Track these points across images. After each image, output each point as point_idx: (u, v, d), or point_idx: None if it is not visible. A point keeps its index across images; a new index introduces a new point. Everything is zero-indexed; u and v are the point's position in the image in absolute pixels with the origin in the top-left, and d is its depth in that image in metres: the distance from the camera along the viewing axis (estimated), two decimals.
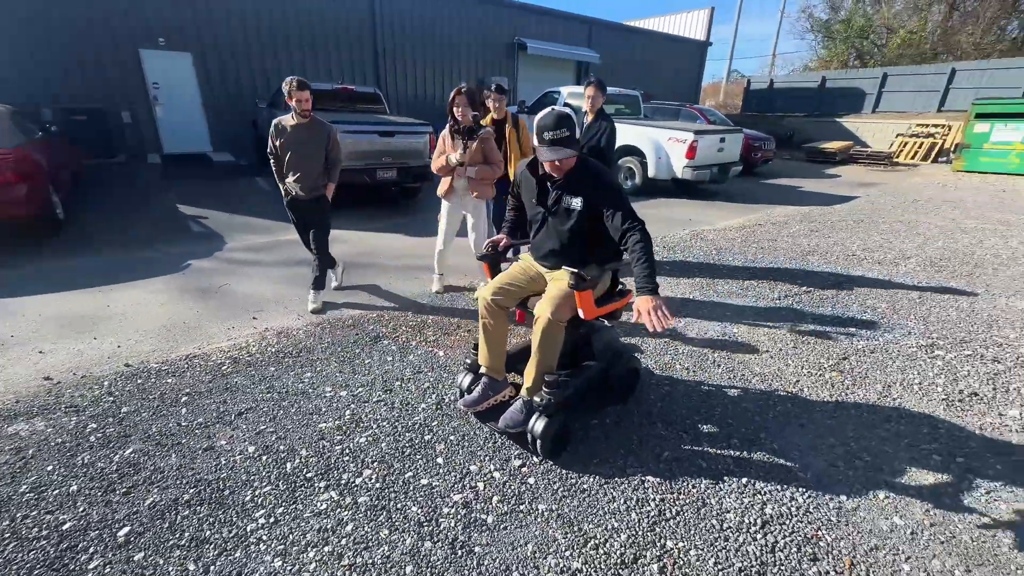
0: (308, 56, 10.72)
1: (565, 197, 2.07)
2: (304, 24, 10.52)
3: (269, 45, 10.19)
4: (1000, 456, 2.12)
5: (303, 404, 2.45)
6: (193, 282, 4.09)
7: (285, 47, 10.37)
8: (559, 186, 2.09)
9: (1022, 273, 4.50)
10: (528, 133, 4.15)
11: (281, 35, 10.28)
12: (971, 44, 18.82)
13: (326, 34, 10.84)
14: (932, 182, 10.21)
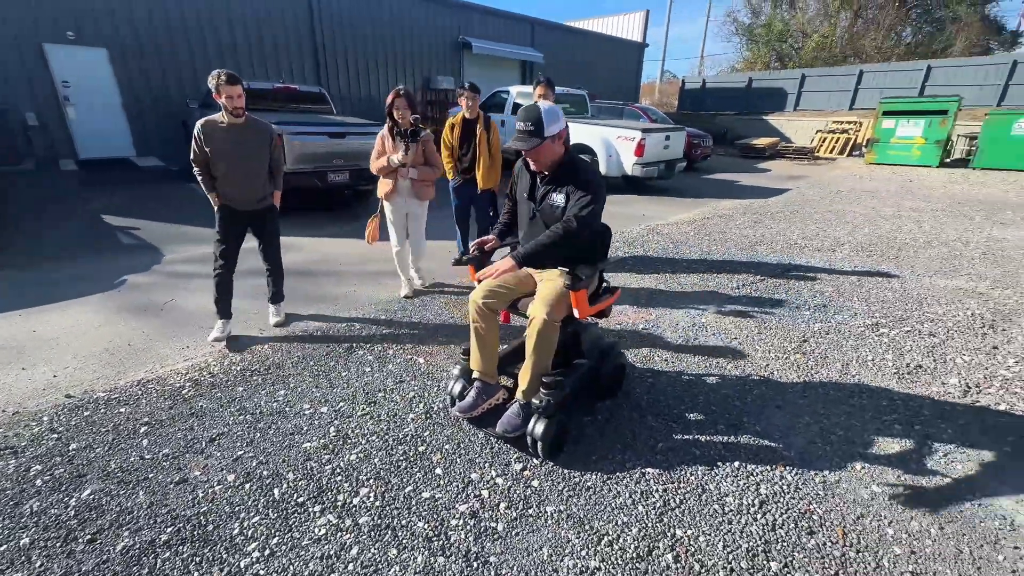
0: (242, 53, 10.08)
1: (551, 194, 2.08)
2: (236, 19, 9.88)
3: (198, 41, 9.49)
4: (949, 421, 2.35)
5: (281, 424, 2.30)
6: (132, 300, 3.74)
7: (216, 43, 9.69)
8: (546, 181, 2.09)
9: (939, 254, 5.02)
10: (499, 136, 4.13)
11: (210, 30, 9.60)
12: (874, 48, 20.79)
13: (260, 30, 10.24)
14: (850, 174, 11.16)
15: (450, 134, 4.12)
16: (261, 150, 3.01)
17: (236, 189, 2.99)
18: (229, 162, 2.91)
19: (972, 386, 2.63)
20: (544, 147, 1.99)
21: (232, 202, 3.02)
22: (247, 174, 2.99)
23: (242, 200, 3.03)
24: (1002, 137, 11.01)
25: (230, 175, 2.95)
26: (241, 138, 2.91)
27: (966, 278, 4.32)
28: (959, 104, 11.73)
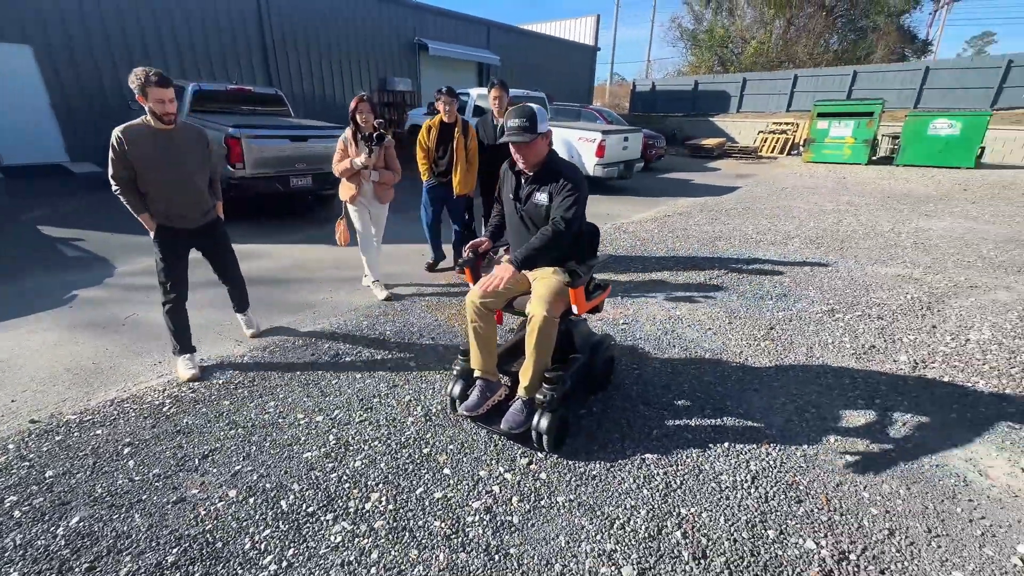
0: (185, 51, 9.56)
1: (535, 193, 2.15)
2: (178, 14, 9.36)
3: (136, 38, 8.91)
4: (903, 394, 2.61)
5: (277, 436, 2.25)
6: (87, 316, 3.51)
7: (156, 40, 9.13)
8: (530, 181, 2.17)
9: (876, 244, 5.49)
10: (476, 140, 4.13)
11: (150, 26, 9.03)
12: (806, 54, 22.30)
13: (205, 27, 9.73)
14: (791, 172, 11.94)
15: (427, 136, 4.11)
16: (199, 157, 2.64)
17: (174, 206, 2.59)
18: (162, 175, 2.50)
19: (919, 362, 2.93)
20: (536, 143, 2.08)
21: (172, 221, 2.61)
22: (186, 187, 2.60)
23: (183, 218, 2.64)
24: (920, 136, 12.12)
25: (165, 190, 2.54)
26: (174, 146, 2.51)
27: (902, 265, 4.76)
28: (883, 107, 12.80)
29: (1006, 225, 6.35)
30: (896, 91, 15.78)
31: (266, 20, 10.52)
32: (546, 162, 2.17)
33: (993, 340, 3.19)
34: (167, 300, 2.70)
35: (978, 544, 1.69)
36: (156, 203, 2.56)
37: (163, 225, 2.61)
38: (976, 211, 7.19)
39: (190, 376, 2.70)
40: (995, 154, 13.08)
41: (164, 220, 2.60)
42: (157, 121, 2.44)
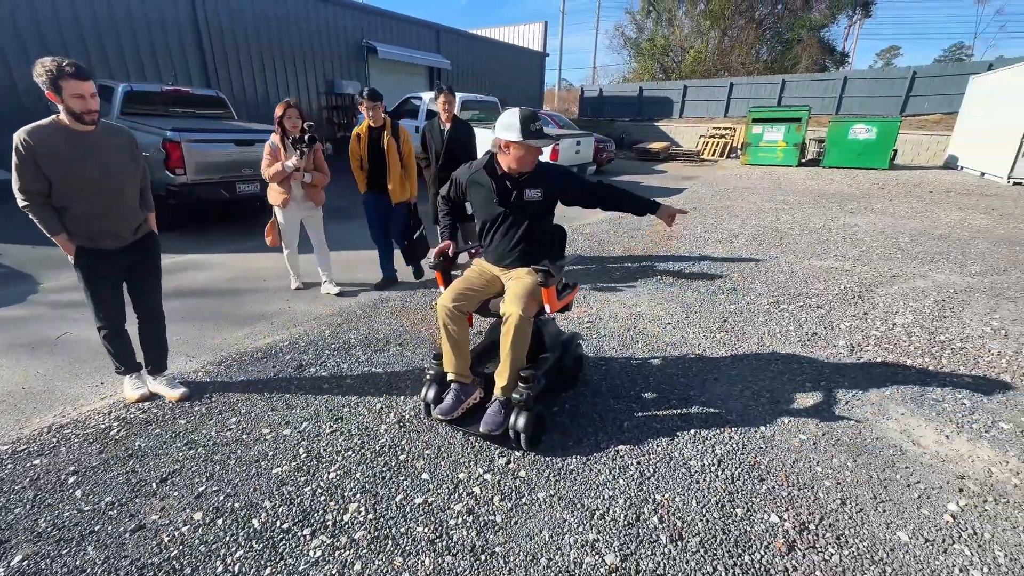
0: (111, 49, 8.88)
1: (526, 191, 2.20)
2: (101, 9, 8.69)
3: (53, 35, 8.19)
4: (844, 376, 2.84)
5: (243, 453, 2.15)
6: (13, 336, 3.21)
7: (76, 37, 8.43)
8: (521, 183, 2.21)
9: (811, 240, 5.93)
10: (411, 144, 3.95)
11: (71, 24, 8.33)
12: (739, 63, 23.72)
13: (133, 23, 9.09)
14: (731, 174, 12.65)
15: (356, 145, 3.86)
16: (128, 163, 2.25)
17: (101, 222, 2.19)
18: (85, 186, 2.10)
19: (855, 346, 3.20)
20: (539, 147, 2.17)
21: (97, 241, 2.20)
22: (116, 199, 2.21)
23: (112, 236, 2.24)
24: (842, 140, 13.18)
25: (90, 204, 2.13)
26: (98, 150, 2.12)
27: (834, 259, 5.16)
28: (809, 113, 13.82)
29: (919, 220, 7.03)
30: (820, 99, 17.08)
31: (202, 18, 9.97)
32: (537, 166, 2.28)
33: (915, 323, 3.53)
34: (103, 328, 2.39)
35: (916, 506, 1.87)
36: (78, 221, 2.14)
37: (85, 248, 2.20)
38: (893, 208, 7.91)
39: (139, 396, 2.50)
40: (905, 156, 14.44)
41: (87, 241, 2.19)
42: (75, 121, 2.04)
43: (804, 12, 23.86)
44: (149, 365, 2.59)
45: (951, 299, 3.99)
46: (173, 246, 5.29)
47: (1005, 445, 2.22)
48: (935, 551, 1.67)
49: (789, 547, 1.68)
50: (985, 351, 3.12)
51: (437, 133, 4.30)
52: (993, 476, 2.03)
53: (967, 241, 5.81)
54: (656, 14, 26.61)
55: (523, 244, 2.29)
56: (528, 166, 2.20)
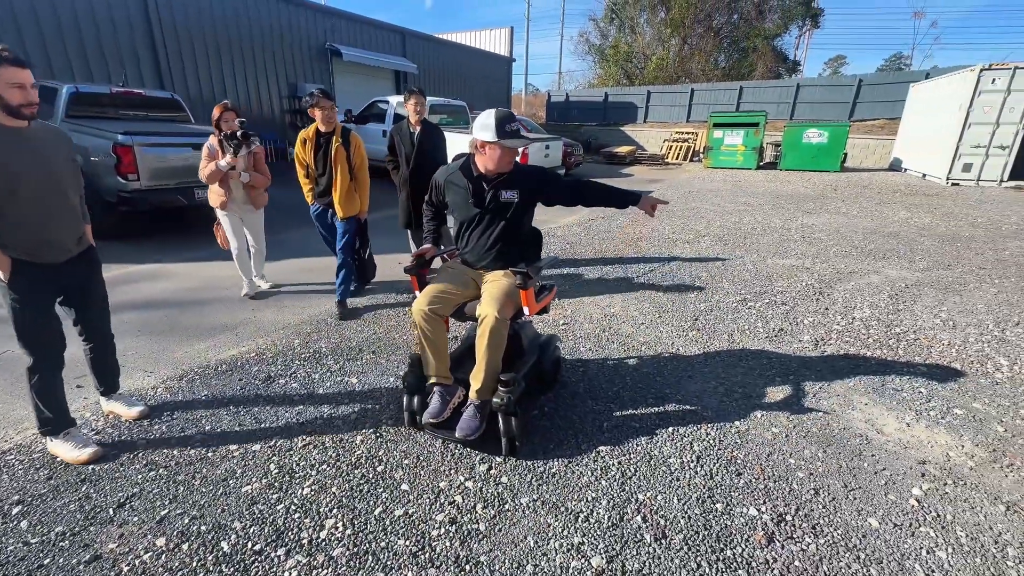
0: (54, 50, 8.37)
1: (502, 192, 2.18)
2: (43, 10, 8.19)
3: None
4: (810, 369, 2.94)
5: (208, 472, 2.04)
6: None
7: (15, 37, 7.91)
8: (497, 184, 2.19)
9: (772, 240, 6.15)
10: (364, 153, 3.62)
11: (7, 20, 7.80)
12: (699, 70, 24.53)
13: (78, 20, 8.61)
14: (695, 177, 13.03)
15: (302, 150, 3.56)
16: (69, 164, 2.03)
17: (43, 231, 1.92)
18: (24, 189, 1.84)
19: (819, 340, 3.32)
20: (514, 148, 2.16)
21: (36, 254, 1.92)
22: (60, 205, 1.97)
23: (54, 247, 1.97)
24: (797, 144, 13.79)
25: (30, 210, 1.88)
26: (36, 148, 1.89)
27: (795, 257, 5.37)
28: (766, 118, 14.40)
29: (869, 219, 7.42)
30: (775, 104, 17.83)
31: (155, 16, 9.54)
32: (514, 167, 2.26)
33: (872, 317, 3.71)
34: (36, 367, 2.00)
35: (884, 492, 1.95)
36: (16, 229, 1.86)
37: (23, 262, 1.90)
38: (846, 208, 8.32)
39: (89, 456, 2.05)
40: (854, 159, 15.24)
41: (25, 254, 1.89)
42: (9, 115, 1.79)
43: (758, 22, 24.93)
44: (102, 387, 2.38)
45: (903, 293, 4.21)
46: (126, 256, 5.01)
47: (959, 430, 2.35)
48: (903, 535, 1.74)
49: (768, 539, 1.72)
50: (936, 341, 3.31)
51: (406, 136, 4.17)
52: (951, 460, 2.14)
53: (914, 238, 6.16)
54: (619, 21, 27.23)
55: (499, 245, 2.27)
56: (505, 167, 2.19)
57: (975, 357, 3.08)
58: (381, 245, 5.66)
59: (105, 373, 2.38)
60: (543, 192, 2.30)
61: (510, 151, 2.15)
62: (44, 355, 2.02)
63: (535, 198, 2.30)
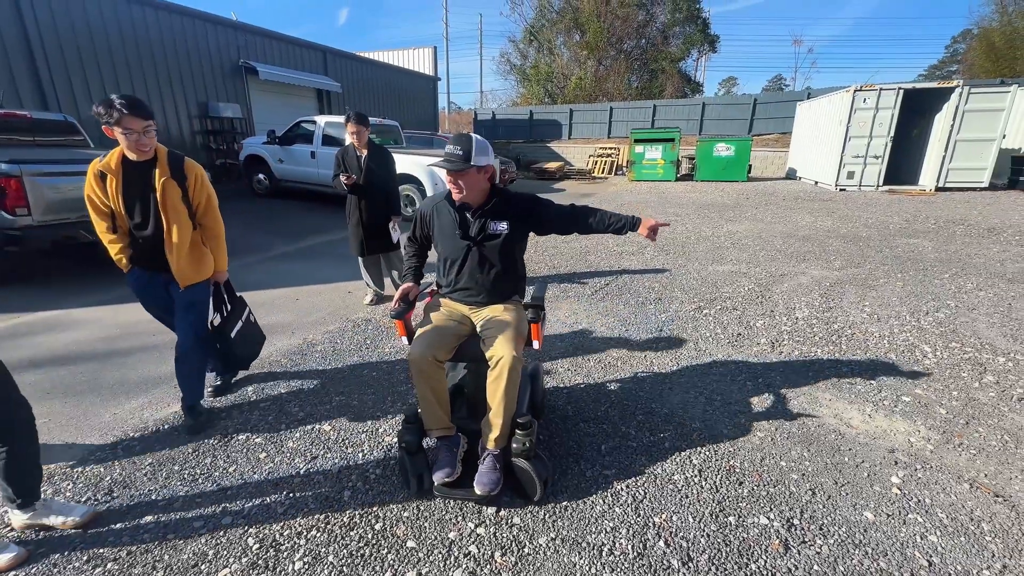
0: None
1: (490, 224, 2.08)
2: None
3: None
4: (774, 371, 3.13)
5: (172, 559, 1.74)
6: None
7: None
8: (482, 214, 2.08)
9: (707, 247, 6.57)
10: (208, 185, 2.45)
11: None
12: (615, 90, 26.05)
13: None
14: (623, 189, 13.70)
15: (99, 189, 2.25)
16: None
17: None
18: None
19: (774, 342, 3.56)
20: (470, 174, 1.99)
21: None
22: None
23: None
24: (708, 157, 15.00)
25: None
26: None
27: (731, 263, 5.77)
28: (680, 134, 15.54)
29: (782, 224, 8.18)
30: (685, 120, 19.33)
31: (33, 31, 8.41)
32: (496, 195, 2.12)
33: (811, 316, 4.04)
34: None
35: (869, 483, 2.09)
36: None
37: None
38: (760, 215, 9.12)
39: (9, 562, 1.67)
40: (757, 170, 16.85)
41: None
42: None
43: (663, 47, 27.03)
44: (18, 498, 1.78)
45: (830, 291, 4.65)
46: (16, 303, 4.29)
47: (912, 416, 2.60)
48: (897, 524, 1.87)
49: (785, 546, 1.76)
50: (869, 334, 3.67)
51: (353, 160, 4.09)
52: (913, 446, 2.35)
53: (824, 240, 6.86)
54: (538, 43, 28.29)
55: (492, 280, 2.13)
56: (473, 196, 2.06)
57: (903, 347, 3.45)
58: (328, 275, 5.32)
59: (22, 472, 1.77)
60: (534, 219, 2.18)
61: (466, 176, 1.99)
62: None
63: (527, 227, 2.19)
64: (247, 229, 7.67)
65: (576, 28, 26.33)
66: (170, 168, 2.30)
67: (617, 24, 25.69)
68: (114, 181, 2.24)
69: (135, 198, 2.28)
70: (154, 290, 2.49)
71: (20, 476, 1.77)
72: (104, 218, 2.32)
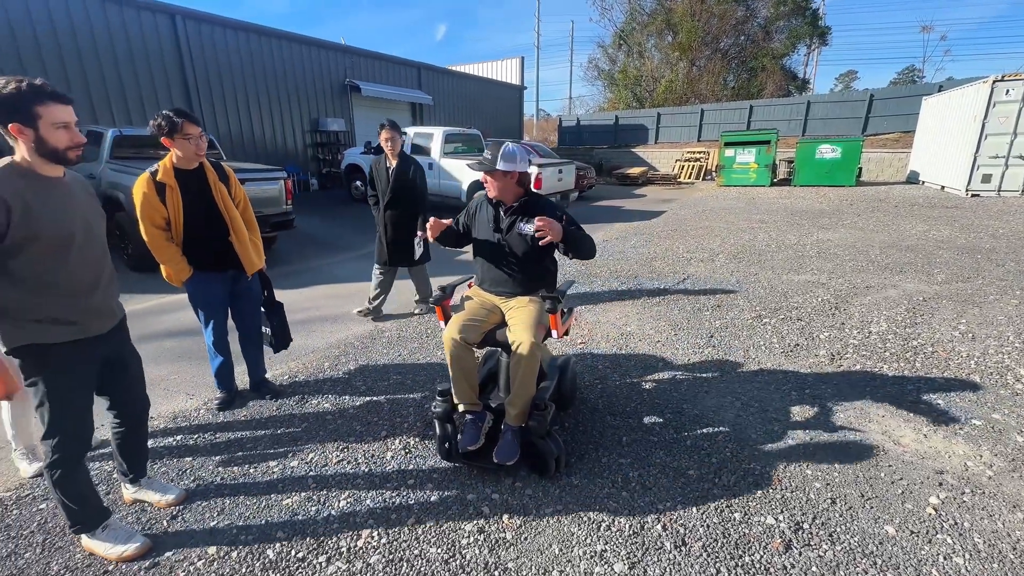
0: (95, 91, 9.01)
1: (518, 223, 2.32)
2: (91, 65, 8.86)
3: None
4: (826, 383, 2.98)
5: (251, 487, 2.18)
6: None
7: (60, 81, 8.57)
8: (511, 213, 2.34)
9: (787, 256, 6.19)
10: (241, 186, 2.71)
11: (54, 65, 8.46)
12: (709, 91, 24.87)
13: (119, 69, 9.27)
14: (708, 195, 13.12)
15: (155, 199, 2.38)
16: (99, 215, 1.76)
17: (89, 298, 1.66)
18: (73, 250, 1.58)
19: (835, 355, 3.36)
20: (496, 176, 2.27)
21: (83, 328, 1.65)
22: (102, 263, 1.73)
23: (101, 315, 1.72)
24: (810, 160, 13.82)
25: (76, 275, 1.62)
26: (74, 201, 1.63)
27: (810, 273, 5.40)
28: (777, 135, 14.49)
29: (886, 233, 7.39)
30: (786, 121, 17.95)
31: (188, 64, 10.22)
32: (527, 198, 2.36)
33: (889, 331, 3.73)
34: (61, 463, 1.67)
35: (901, 500, 1.99)
36: (63, 302, 1.59)
37: (65, 344, 1.61)
38: (862, 222, 8.30)
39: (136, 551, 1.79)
40: (870, 173, 15.17)
41: (71, 332, 1.61)
42: (51, 162, 1.54)
43: (765, 43, 25.27)
44: (131, 472, 2.04)
45: (921, 307, 4.21)
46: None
47: (978, 440, 2.37)
48: (920, 542, 1.78)
49: (786, 546, 1.78)
50: (955, 354, 3.31)
51: (383, 171, 4.01)
52: (969, 470, 2.17)
53: (932, 251, 6.13)
54: (627, 47, 27.88)
55: (517, 275, 2.36)
56: (503, 195, 2.32)
57: (995, 369, 3.08)
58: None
59: (136, 453, 2.02)
60: None
61: (493, 177, 2.27)
62: (75, 450, 1.70)
63: None
64: (343, 230, 8.63)
65: (668, 29, 25.56)
66: (216, 172, 2.54)
67: (713, 22, 24.53)
68: (174, 191, 2.40)
69: (195, 203, 2.46)
70: (213, 288, 2.65)
71: (133, 455, 2.02)
72: (161, 229, 2.45)
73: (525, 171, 2.34)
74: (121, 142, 6.25)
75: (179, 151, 2.39)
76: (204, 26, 10.54)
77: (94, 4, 8.89)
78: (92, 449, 1.87)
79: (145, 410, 2.02)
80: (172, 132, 2.34)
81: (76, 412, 1.68)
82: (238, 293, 2.76)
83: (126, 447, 1.99)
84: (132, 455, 2.02)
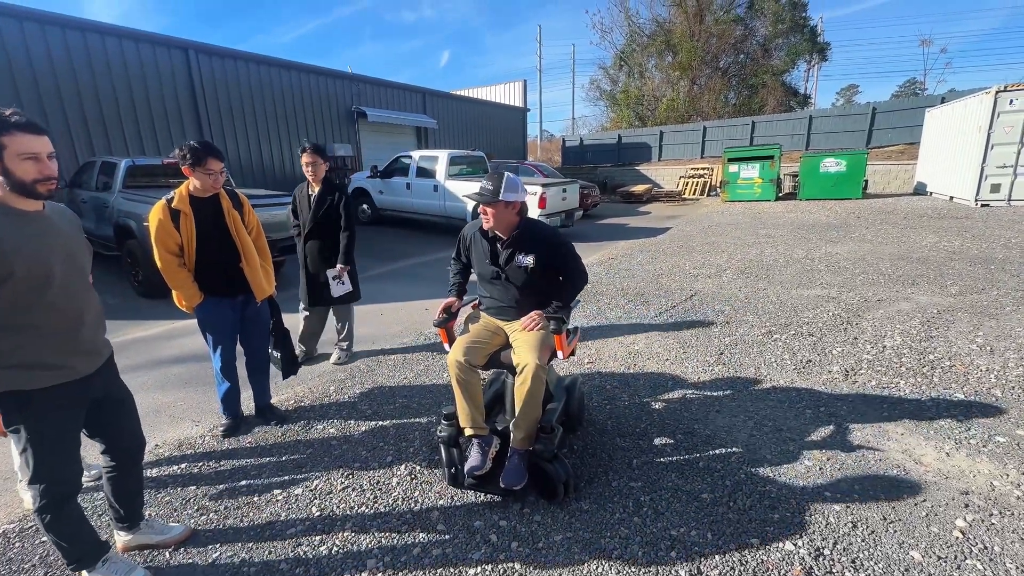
0: (110, 123, 9.28)
1: (517, 256, 2.30)
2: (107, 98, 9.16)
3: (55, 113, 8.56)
4: (841, 401, 2.91)
5: (254, 515, 2.14)
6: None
7: (78, 115, 8.83)
8: (509, 244, 2.32)
9: (796, 270, 6.13)
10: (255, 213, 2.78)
11: (72, 100, 8.74)
12: (710, 108, 25.10)
13: (133, 97, 9.57)
14: (713, 211, 13.11)
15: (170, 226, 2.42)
16: (84, 249, 1.68)
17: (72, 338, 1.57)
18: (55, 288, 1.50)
19: (849, 370, 3.28)
20: (498, 207, 2.24)
21: (68, 370, 1.56)
22: (87, 300, 1.64)
23: (88, 355, 1.63)
24: (815, 174, 13.81)
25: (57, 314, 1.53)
26: (55, 235, 1.54)
27: (820, 287, 5.33)
28: (780, 150, 14.53)
29: (895, 245, 7.31)
30: (789, 136, 18.02)
31: (199, 91, 10.52)
32: (523, 228, 2.32)
33: (904, 345, 3.64)
34: (49, 507, 1.58)
35: (925, 524, 1.90)
36: (41, 343, 1.49)
37: (47, 388, 1.51)
38: (871, 235, 8.23)
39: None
40: (876, 185, 15.11)
41: (52, 375, 1.51)
42: (21, 195, 1.44)
43: (765, 60, 25.58)
44: (126, 520, 1.90)
45: (935, 319, 4.13)
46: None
47: (1003, 458, 2.28)
48: (948, 568, 1.70)
49: (807, 574, 1.70)
50: (974, 367, 3.22)
51: (304, 198, 3.62)
52: (996, 489, 2.08)
53: (944, 263, 6.04)
54: (628, 68, 28.35)
55: (519, 303, 2.33)
56: (500, 226, 2.26)
57: (1016, 383, 2.99)
58: (410, 293, 5.90)
59: (132, 496, 1.90)
60: (559, 262, 2.33)
61: (499, 208, 2.21)
62: (64, 492, 1.61)
63: (552, 263, 2.32)
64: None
65: (668, 49, 25.98)
66: (230, 199, 2.60)
67: (712, 42, 24.91)
68: (188, 217, 2.45)
69: (209, 230, 2.50)
70: (223, 314, 2.66)
71: (129, 499, 1.89)
72: (174, 255, 2.49)
73: (524, 200, 2.34)
74: (134, 171, 6.40)
75: (197, 183, 2.46)
76: (216, 59, 10.89)
77: (112, 40, 9.24)
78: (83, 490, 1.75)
79: (140, 449, 1.89)
80: (196, 164, 2.40)
81: (62, 457, 1.58)
82: (247, 318, 2.77)
83: (120, 490, 1.85)
84: (127, 499, 1.88)
